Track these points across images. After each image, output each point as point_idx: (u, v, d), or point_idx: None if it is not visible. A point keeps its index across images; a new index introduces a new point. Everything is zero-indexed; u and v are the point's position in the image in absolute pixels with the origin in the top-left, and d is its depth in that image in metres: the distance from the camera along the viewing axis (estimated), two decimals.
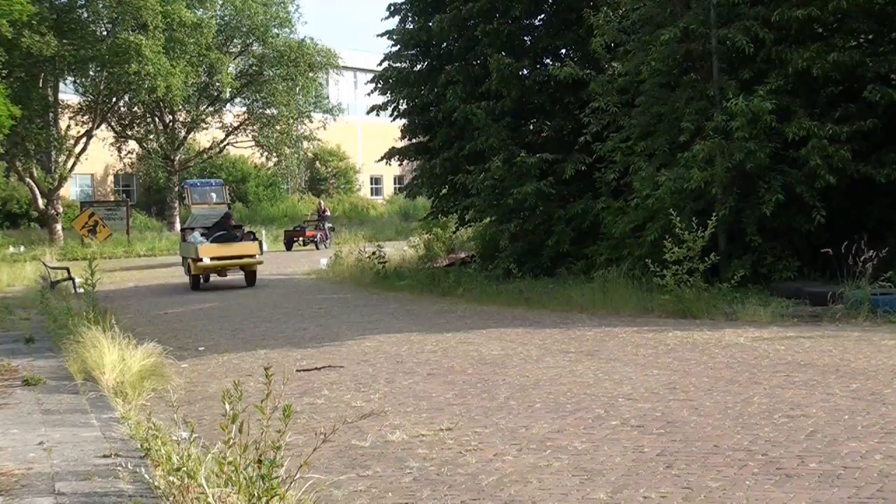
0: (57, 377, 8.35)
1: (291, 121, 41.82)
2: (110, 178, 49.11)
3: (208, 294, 18.18)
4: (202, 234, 19.75)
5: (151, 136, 41.99)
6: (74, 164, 36.44)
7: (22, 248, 31.52)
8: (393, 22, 20.41)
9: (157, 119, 41.60)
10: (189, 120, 41.70)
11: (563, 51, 18.75)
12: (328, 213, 34.91)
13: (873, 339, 9.18)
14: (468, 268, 18.20)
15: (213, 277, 20.45)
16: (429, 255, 20.79)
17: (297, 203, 49.48)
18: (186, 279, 22.39)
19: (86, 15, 35.95)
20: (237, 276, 20.44)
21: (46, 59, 32.87)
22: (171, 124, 41.71)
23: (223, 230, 19.89)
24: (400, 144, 21.67)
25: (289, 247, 32.27)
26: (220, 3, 39.98)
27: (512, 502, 4.70)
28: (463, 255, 20.63)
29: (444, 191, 19.86)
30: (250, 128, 42.65)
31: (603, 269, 13.99)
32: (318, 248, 31.17)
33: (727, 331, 10.17)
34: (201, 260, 18.64)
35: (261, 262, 19.81)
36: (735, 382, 7.34)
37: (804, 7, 12.48)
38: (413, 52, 20.05)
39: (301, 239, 32.73)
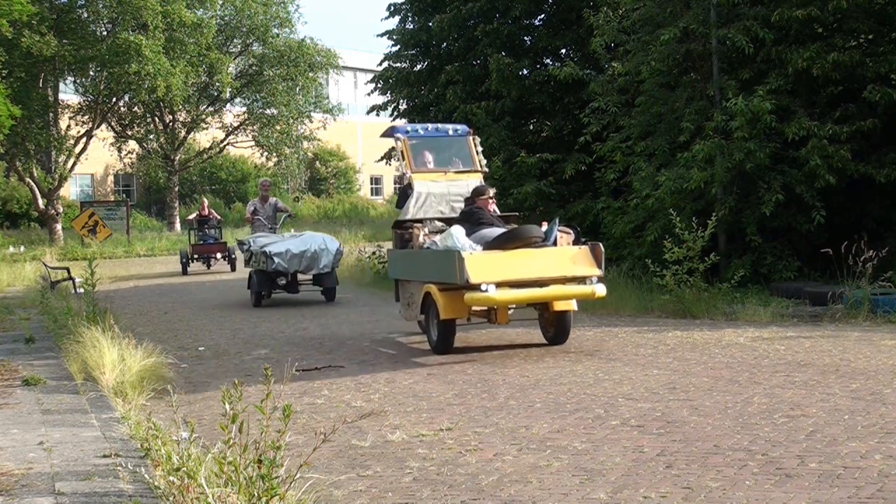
0: (57, 377, 8.35)
1: (291, 121, 41.85)
2: (110, 178, 49.15)
3: (208, 294, 18.18)
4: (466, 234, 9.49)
5: (151, 136, 42.01)
6: (74, 164, 36.45)
7: (22, 248, 31.52)
8: (393, 22, 20.45)
9: (157, 119, 41.61)
10: (189, 120, 41.72)
11: (563, 51, 18.75)
12: (215, 217, 25.39)
13: (873, 339, 9.18)
14: None
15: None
16: None
17: (297, 203, 49.45)
18: (187, 279, 21.99)
19: (86, 15, 35.98)
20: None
21: (46, 59, 32.88)
22: (171, 124, 41.72)
23: (482, 223, 9.59)
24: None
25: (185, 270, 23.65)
26: (220, 3, 39.99)
27: (512, 502, 4.70)
28: None
29: None
30: (250, 128, 42.66)
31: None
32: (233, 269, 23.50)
33: (727, 331, 10.18)
34: (479, 288, 8.60)
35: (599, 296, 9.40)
36: (735, 382, 7.34)
37: (804, 7, 12.48)
38: (413, 52, 20.06)
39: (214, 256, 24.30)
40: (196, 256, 24.18)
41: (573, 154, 16.26)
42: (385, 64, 20.45)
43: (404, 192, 10.63)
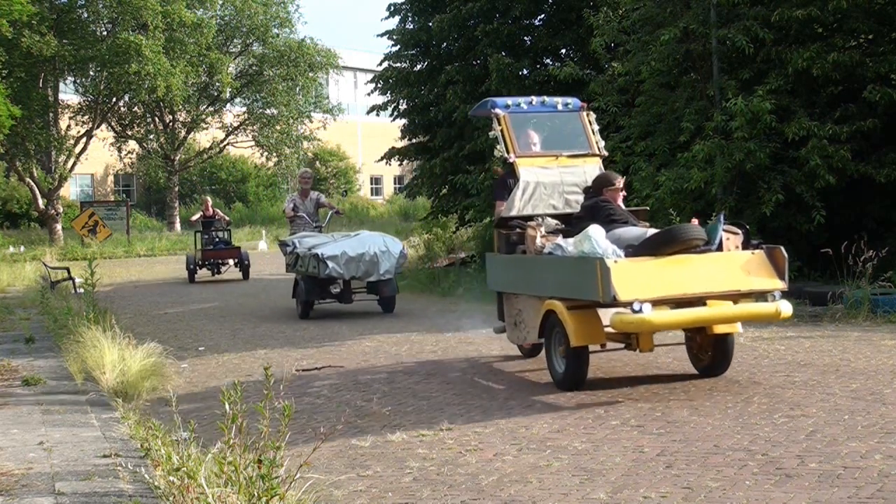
0: (57, 377, 8.35)
1: (291, 121, 41.85)
2: (110, 178, 49.16)
3: (208, 294, 18.17)
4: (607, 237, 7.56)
5: (151, 136, 42.01)
6: (74, 164, 36.45)
7: (22, 248, 31.52)
8: (393, 22, 20.43)
9: (157, 119, 41.62)
10: (189, 120, 41.71)
11: (563, 51, 18.74)
12: (222, 218, 23.28)
13: (873, 339, 9.18)
14: (468, 268, 18.19)
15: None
16: (429, 255, 20.76)
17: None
18: (192, 279, 21.01)
19: (86, 15, 35.99)
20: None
21: (46, 59, 32.89)
22: (171, 124, 41.72)
23: (613, 220, 7.73)
24: (400, 144, 21.67)
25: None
26: (220, 3, 39.99)
27: (512, 502, 4.70)
28: (463, 255, 20.61)
29: (444, 191, 19.86)
30: (250, 128, 42.66)
31: None
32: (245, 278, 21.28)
33: None
34: (632, 308, 6.69)
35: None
36: (735, 382, 7.34)
37: (804, 7, 12.47)
38: (413, 52, 20.05)
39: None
40: (205, 263, 21.20)
41: None
42: (385, 64, 20.44)
43: (503, 181, 8.74)
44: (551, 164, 8.64)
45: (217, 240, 21.96)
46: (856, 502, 4.43)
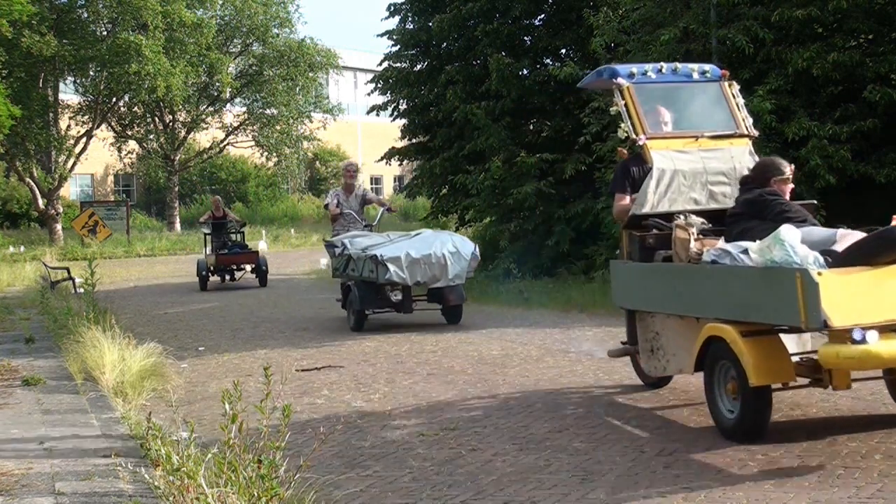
0: (57, 377, 8.35)
1: (291, 121, 41.85)
2: (110, 178, 49.15)
3: (208, 294, 18.17)
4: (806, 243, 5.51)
5: (151, 136, 42.02)
6: (74, 164, 36.45)
7: (22, 248, 31.52)
8: (393, 22, 20.43)
9: (157, 119, 41.62)
10: (189, 120, 41.72)
11: (563, 51, 18.74)
12: (234, 219, 21.04)
13: None
14: None
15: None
16: None
17: (297, 203, 49.47)
18: (191, 279, 21.21)
19: (86, 15, 36.00)
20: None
21: (46, 59, 32.89)
22: (171, 124, 41.72)
23: (787, 217, 5.97)
24: (400, 144, 21.68)
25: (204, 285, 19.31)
26: (220, 3, 40.00)
27: (511, 502, 4.70)
28: None
29: (444, 191, 19.87)
30: (250, 128, 42.66)
31: (603, 269, 14.00)
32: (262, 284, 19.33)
33: None
34: (853, 337, 4.92)
35: None
36: None
37: (804, 7, 12.47)
38: (413, 52, 20.06)
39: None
40: (219, 268, 19.35)
41: (573, 154, 16.24)
42: (385, 64, 20.44)
43: (624, 169, 7.02)
44: (690, 148, 6.81)
45: (233, 243, 19.89)
46: (856, 502, 4.43)
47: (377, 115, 22.22)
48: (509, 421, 6.42)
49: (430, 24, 18.86)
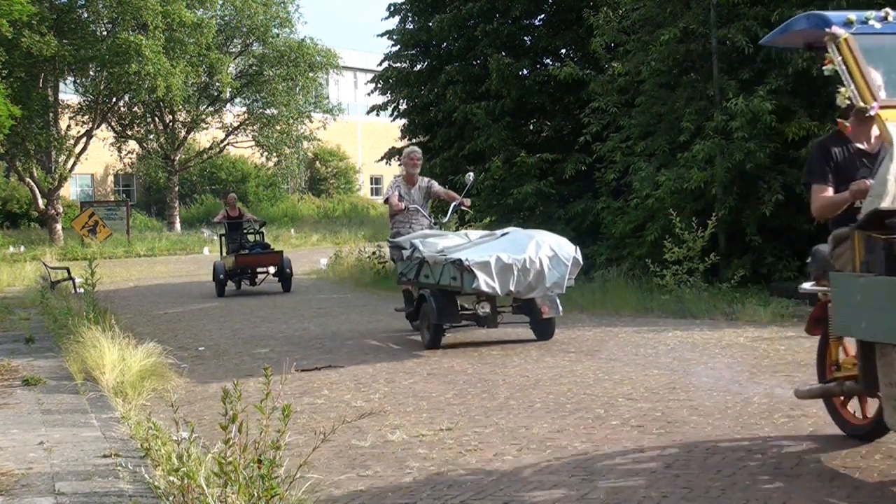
0: (57, 377, 8.35)
1: (291, 121, 41.87)
2: (110, 178, 49.17)
3: (208, 294, 18.17)
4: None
5: (151, 136, 42.04)
6: (74, 164, 36.46)
7: (22, 248, 31.53)
8: (393, 22, 20.44)
9: (157, 119, 41.63)
10: (189, 120, 41.73)
11: (563, 51, 18.75)
12: (252, 218, 19.36)
13: None
14: None
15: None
16: None
17: (297, 203, 49.45)
18: (191, 279, 21.62)
19: (86, 15, 36.01)
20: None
21: (46, 59, 32.89)
22: (171, 124, 41.73)
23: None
24: (400, 144, 21.67)
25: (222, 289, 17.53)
26: (220, 3, 40.01)
27: (512, 502, 4.70)
28: None
29: None
30: (250, 128, 42.68)
31: (603, 269, 14.01)
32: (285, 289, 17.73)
33: (727, 331, 10.17)
34: None
35: None
36: (735, 382, 7.34)
37: (804, 7, 12.47)
38: (413, 52, 20.07)
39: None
40: (238, 271, 17.68)
41: (573, 154, 16.25)
42: (385, 64, 20.45)
43: (823, 151, 5.44)
44: None
45: (254, 244, 18.26)
46: (855, 502, 4.43)
47: (377, 115, 22.23)
48: (509, 421, 6.42)
49: (430, 24, 18.86)
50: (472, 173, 11.74)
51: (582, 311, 12.49)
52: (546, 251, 9.38)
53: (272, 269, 17.61)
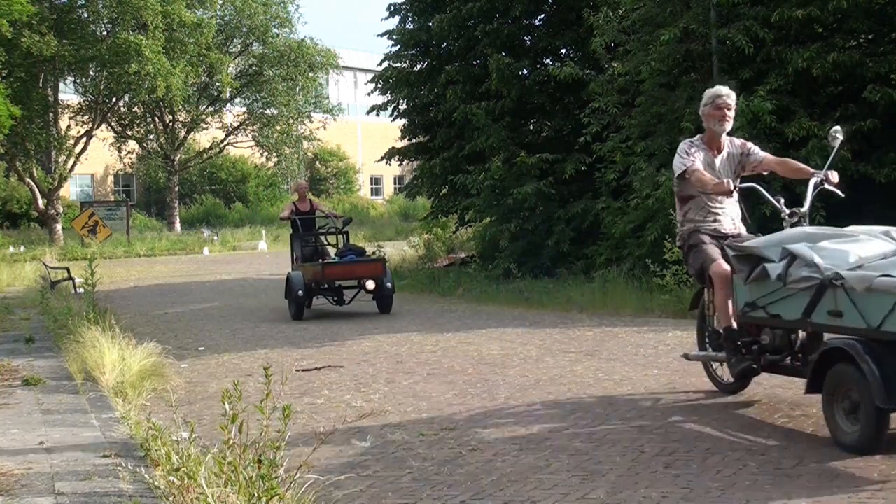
0: (57, 377, 8.35)
1: (291, 121, 41.88)
2: (110, 178, 49.16)
3: (208, 294, 18.17)
4: None
5: (151, 136, 42.06)
6: (74, 164, 36.46)
7: (22, 248, 31.53)
8: (393, 22, 20.46)
9: (157, 119, 41.64)
10: (189, 120, 41.75)
11: (563, 51, 18.77)
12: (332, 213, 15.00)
13: None
14: (468, 268, 18.21)
15: None
16: (429, 255, 20.79)
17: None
18: (187, 278, 21.68)
19: (86, 15, 36.02)
20: None
21: (46, 59, 32.90)
22: (171, 124, 41.74)
23: None
24: (400, 144, 21.71)
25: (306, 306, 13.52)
26: (220, 3, 40.02)
27: (511, 502, 4.70)
28: (463, 255, 20.63)
29: (444, 191, 19.90)
30: (250, 128, 42.69)
31: (603, 269, 14.01)
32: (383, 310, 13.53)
33: None
34: None
35: None
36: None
37: (804, 7, 12.47)
38: (413, 52, 20.08)
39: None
40: (325, 285, 13.19)
41: (573, 154, 16.26)
42: (385, 64, 20.46)
43: None
44: None
45: (343, 247, 13.88)
46: (856, 502, 4.43)
47: (377, 115, 22.24)
48: (509, 421, 6.42)
49: (430, 24, 18.87)
50: (839, 130, 6.93)
51: (582, 311, 12.49)
52: None
53: (371, 284, 13.02)
